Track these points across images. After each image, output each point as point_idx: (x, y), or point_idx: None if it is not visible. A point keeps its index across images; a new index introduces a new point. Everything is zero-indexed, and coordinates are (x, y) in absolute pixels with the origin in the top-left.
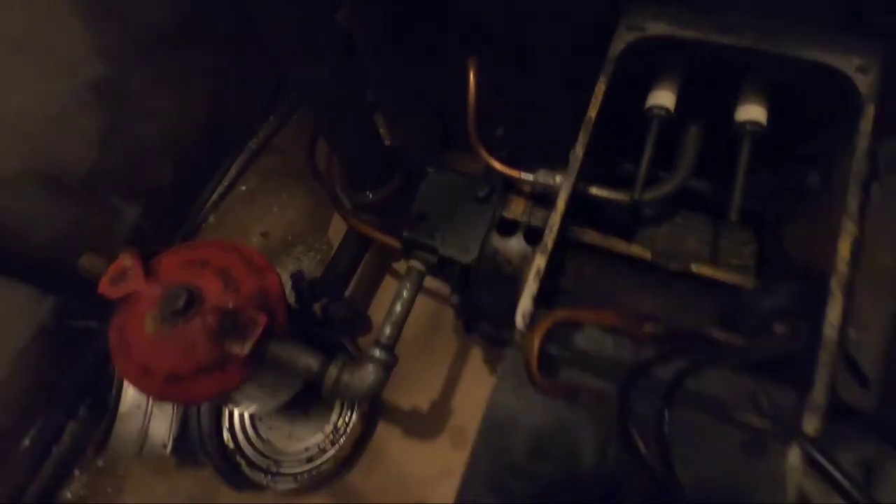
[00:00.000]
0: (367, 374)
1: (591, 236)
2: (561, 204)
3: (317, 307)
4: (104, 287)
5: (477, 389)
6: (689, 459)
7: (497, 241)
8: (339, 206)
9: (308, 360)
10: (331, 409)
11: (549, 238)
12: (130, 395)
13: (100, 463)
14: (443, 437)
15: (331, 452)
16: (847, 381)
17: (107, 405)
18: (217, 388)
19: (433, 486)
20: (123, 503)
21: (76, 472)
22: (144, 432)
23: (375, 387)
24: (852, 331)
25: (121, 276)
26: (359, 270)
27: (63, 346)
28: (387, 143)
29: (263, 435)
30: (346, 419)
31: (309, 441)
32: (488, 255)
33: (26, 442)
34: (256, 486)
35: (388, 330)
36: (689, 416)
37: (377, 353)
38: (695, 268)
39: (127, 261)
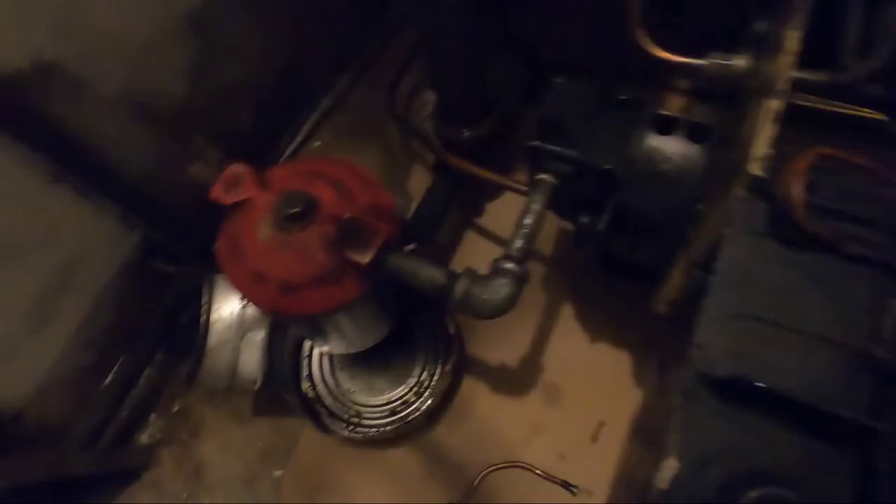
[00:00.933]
0: (500, 287)
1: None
2: (793, 43)
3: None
4: (217, 193)
5: (570, 345)
6: None
7: (653, 140)
8: (431, 145)
9: (432, 273)
10: (413, 362)
11: (780, 82)
12: (218, 330)
13: (175, 408)
14: (533, 393)
15: (416, 405)
16: None
17: (183, 350)
18: (333, 301)
19: (524, 444)
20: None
21: (152, 417)
22: (234, 368)
23: (508, 301)
24: None
25: (234, 181)
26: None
27: (144, 287)
28: None
29: (344, 385)
30: (431, 373)
31: (391, 394)
32: (643, 155)
33: (108, 379)
34: (337, 434)
35: (518, 242)
36: None
37: (509, 265)
38: None
39: (240, 168)
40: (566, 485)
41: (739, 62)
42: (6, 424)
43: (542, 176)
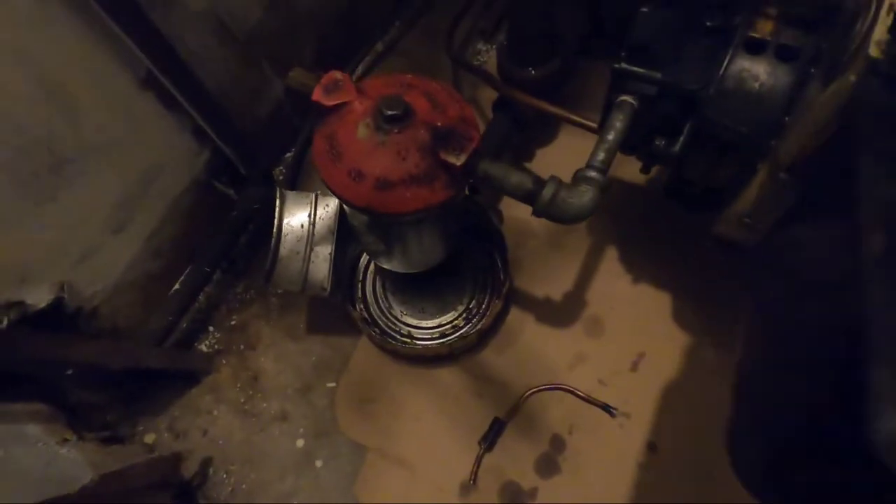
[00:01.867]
0: (584, 192)
1: None
2: None
3: None
4: (318, 95)
5: (613, 284)
6: None
7: (743, 61)
8: (494, 82)
9: (521, 177)
10: (462, 291)
11: None
12: (289, 241)
13: (233, 321)
14: (577, 325)
15: (465, 329)
16: None
17: (241, 270)
18: (424, 200)
19: (567, 370)
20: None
21: (210, 329)
22: (304, 275)
23: (591, 205)
24: None
25: (334, 86)
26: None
27: (208, 206)
28: None
29: (396, 307)
30: (480, 301)
31: (441, 318)
32: (732, 75)
33: (177, 286)
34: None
35: (601, 154)
36: None
37: (592, 173)
38: None
39: (339, 74)
40: (606, 407)
41: None
42: (86, 317)
43: (625, 97)
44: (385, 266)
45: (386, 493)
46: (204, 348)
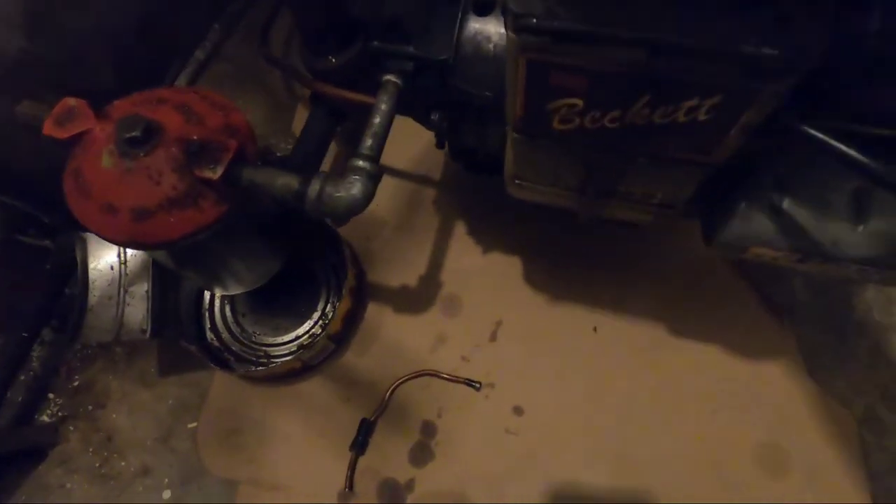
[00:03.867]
0: (353, 184)
1: None
2: None
3: None
4: (49, 128)
5: (464, 259)
6: None
7: (475, 23)
8: (301, 78)
9: (286, 179)
10: (316, 298)
11: None
12: (99, 287)
13: (76, 382)
14: (434, 307)
15: (322, 336)
16: None
17: (69, 328)
18: (193, 223)
19: (429, 354)
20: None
21: (50, 396)
22: (119, 320)
23: (362, 198)
24: None
25: (67, 115)
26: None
27: (16, 264)
28: None
29: (249, 330)
30: (335, 303)
31: (297, 331)
32: (468, 39)
33: None
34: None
35: (368, 141)
36: None
37: (360, 162)
38: None
39: (72, 101)
40: (469, 382)
41: None
42: None
43: (387, 76)
44: (220, 292)
45: None
46: (46, 418)
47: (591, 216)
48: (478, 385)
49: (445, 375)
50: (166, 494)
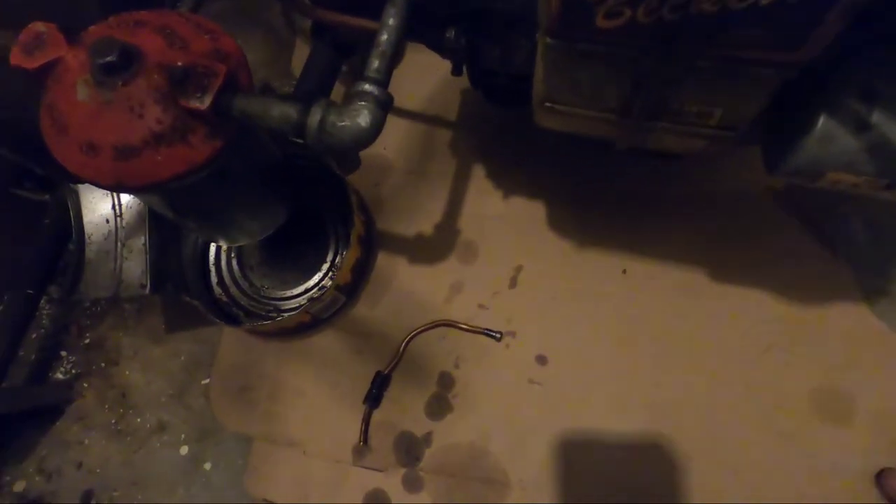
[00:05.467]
0: (359, 111)
1: None
2: None
3: None
4: (17, 58)
5: (483, 205)
6: None
7: None
8: (300, 6)
9: (284, 108)
10: (325, 249)
11: None
12: (95, 241)
13: (87, 340)
14: (451, 255)
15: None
16: None
17: (67, 284)
18: (185, 161)
19: (445, 304)
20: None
21: (63, 353)
22: (118, 275)
23: (370, 127)
24: None
25: (35, 42)
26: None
27: (17, 218)
28: None
29: (257, 283)
30: (343, 253)
31: (307, 283)
32: None
33: None
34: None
35: (375, 62)
36: None
37: (366, 86)
38: None
39: (40, 25)
40: (488, 332)
41: None
42: None
43: None
44: (224, 244)
45: (278, 478)
46: (60, 375)
47: (633, 146)
48: (498, 335)
49: (463, 326)
50: (184, 450)
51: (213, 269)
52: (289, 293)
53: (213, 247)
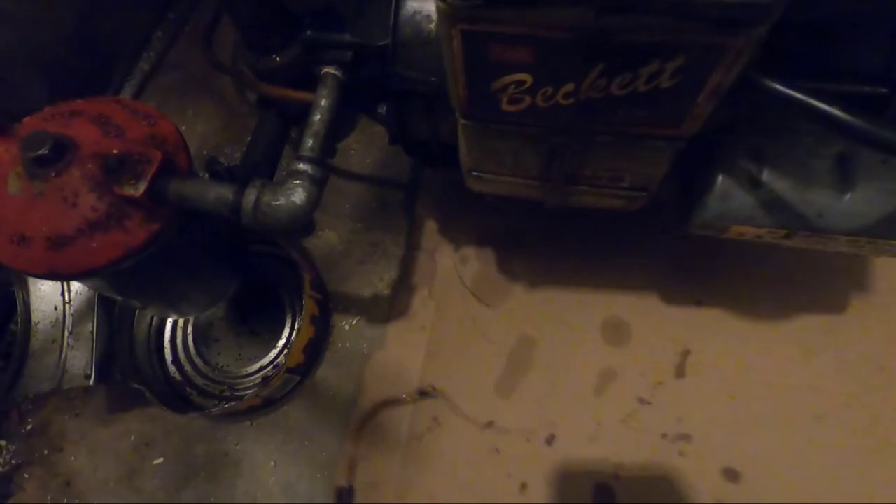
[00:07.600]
0: (293, 190)
1: None
2: None
3: None
4: None
5: (439, 260)
6: None
7: (412, 1)
8: (246, 81)
9: (219, 190)
10: (282, 323)
11: None
12: (41, 331)
13: (29, 427)
14: (412, 314)
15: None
16: None
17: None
18: (121, 246)
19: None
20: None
21: (2, 443)
22: (62, 366)
23: (305, 205)
24: None
25: None
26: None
27: None
28: None
29: (212, 361)
30: (299, 329)
31: (263, 360)
32: (407, 20)
33: None
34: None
35: (309, 141)
36: None
37: (300, 165)
38: None
39: None
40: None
41: None
42: None
43: (325, 69)
44: (174, 317)
45: None
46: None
47: (558, 205)
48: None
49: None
50: None
51: (168, 346)
52: (244, 371)
53: (169, 323)
